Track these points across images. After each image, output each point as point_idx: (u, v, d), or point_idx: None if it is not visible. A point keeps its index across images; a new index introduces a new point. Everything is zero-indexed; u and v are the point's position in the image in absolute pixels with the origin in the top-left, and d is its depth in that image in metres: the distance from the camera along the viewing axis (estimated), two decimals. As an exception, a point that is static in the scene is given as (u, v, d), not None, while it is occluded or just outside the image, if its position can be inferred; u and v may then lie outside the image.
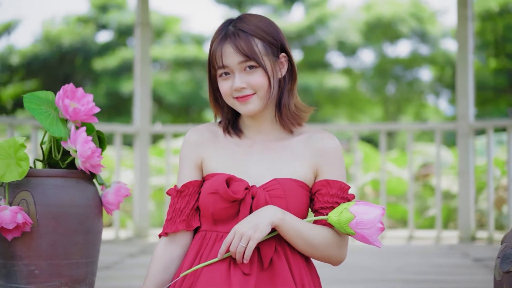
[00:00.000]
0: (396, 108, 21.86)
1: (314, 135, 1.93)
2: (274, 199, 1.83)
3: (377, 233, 1.80)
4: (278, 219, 1.79)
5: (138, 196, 5.96)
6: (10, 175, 2.16)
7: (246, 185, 1.85)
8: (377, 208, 1.80)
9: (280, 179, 1.86)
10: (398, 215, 7.38)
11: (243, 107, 1.88)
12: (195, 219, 1.92)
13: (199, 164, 1.95)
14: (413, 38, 21.23)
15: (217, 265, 1.81)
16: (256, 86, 1.87)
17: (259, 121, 1.94)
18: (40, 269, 2.17)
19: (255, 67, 1.86)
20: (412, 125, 6.36)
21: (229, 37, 1.86)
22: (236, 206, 1.85)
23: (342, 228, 1.81)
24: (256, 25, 1.87)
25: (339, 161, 1.92)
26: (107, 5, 22.59)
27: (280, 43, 1.91)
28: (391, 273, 3.93)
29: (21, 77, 22.04)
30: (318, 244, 1.85)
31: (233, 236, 1.78)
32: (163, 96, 20.25)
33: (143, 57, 6.05)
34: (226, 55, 1.86)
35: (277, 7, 22.94)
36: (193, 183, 1.93)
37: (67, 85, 2.29)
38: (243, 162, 1.91)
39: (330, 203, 1.87)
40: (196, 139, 1.97)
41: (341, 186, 1.89)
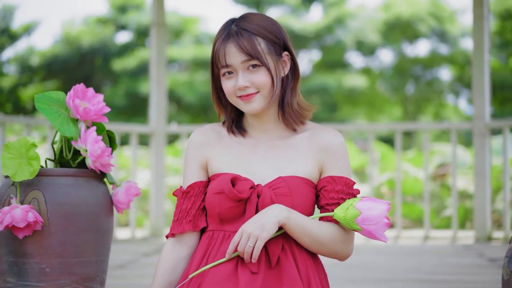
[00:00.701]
0: (415, 108, 21.77)
1: (318, 132, 1.94)
2: (280, 197, 1.84)
3: (383, 229, 1.82)
4: (285, 218, 1.80)
5: (154, 196, 5.99)
6: (22, 174, 2.18)
7: (251, 184, 1.86)
8: (383, 204, 1.81)
9: (285, 177, 1.87)
10: (415, 215, 7.36)
11: (247, 106, 1.89)
12: (202, 220, 1.93)
13: (204, 164, 1.96)
14: (433, 38, 21.12)
15: (224, 264, 1.82)
16: (260, 85, 1.88)
17: (262, 120, 1.95)
18: (51, 267, 2.20)
19: (258, 66, 1.87)
20: (428, 125, 6.34)
21: (232, 36, 1.87)
22: (242, 205, 1.86)
23: (348, 224, 1.82)
24: (258, 24, 1.88)
25: (344, 157, 1.92)
26: (126, 6, 22.71)
27: (283, 42, 1.92)
28: (404, 272, 3.92)
29: (41, 78, 22.20)
30: (325, 241, 1.85)
31: (240, 236, 1.79)
32: (181, 97, 20.30)
33: (159, 58, 6.08)
34: (229, 54, 1.87)
35: (296, 7, 22.92)
36: (199, 184, 1.94)
37: (78, 85, 2.31)
38: (247, 161, 1.92)
39: (335, 199, 1.88)
40: (201, 139, 1.98)
41: (346, 182, 1.90)
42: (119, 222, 7.46)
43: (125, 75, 21.12)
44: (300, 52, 23.21)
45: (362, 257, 4.63)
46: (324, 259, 2.01)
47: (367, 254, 4.87)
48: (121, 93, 21.09)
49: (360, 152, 8.63)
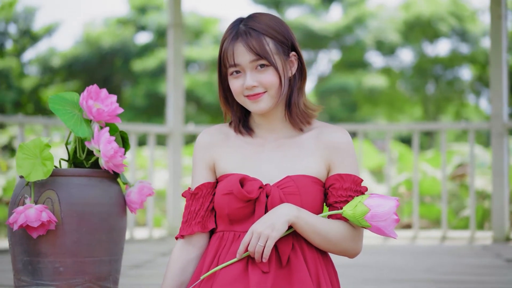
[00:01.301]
0: (435, 108, 21.65)
1: (325, 130, 1.95)
2: (289, 197, 1.85)
3: (392, 225, 1.82)
4: (294, 217, 1.81)
5: (171, 195, 6.02)
6: (36, 174, 2.21)
7: (260, 184, 1.86)
8: (391, 200, 1.82)
9: (294, 176, 1.88)
10: (433, 215, 7.33)
11: (254, 105, 1.90)
12: (211, 221, 1.94)
13: (211, 165, 1.97)
14: (453, 37, 21.00)
15: (234, 264, 1.83)
16: (267, 85, 1.88)
17: (269, 120, 1.95)
18: (64, 266, 2.22)
19: (266, 66, 1.88)
20: (445, 125, 6.31)
21: (240, 36, 1.88)
22: (251, 205, 1.87)
23: (358, 222, 1.83)
24: (267, 24, 1.89)
25: (351, 154, 1.93)
26: (146, 7, 22.80)
27: (291, 42, 1.93)
28: (421, 273, 3.91)
29: (62, 79, 22.36)
30: (334, 239, 1.86)
31: (250, 236, 1.80)
32: (201, 97, 20.34)
33: (176, 58, 6.11)
34: (237, 53, 1.88)
35: (315, 7, 22.88)
36: (206, 185, 1.95)
37: (91, 86, 2.34)
38: (255, 161, 1.93)
39: (344, 196, 1.89)
40: (208, 140, 1.99)
41: (354, 180, 1.90)
42: (137, 222, 7.50)
43: (145, 75, 21.20)
44: (319, 52, 23.18)
45: (378, 257, 4.63)
46: (337, 258, 2.02)
47: (384, 254, 4.86)
48: (141, 94, 21.18)
49: (378, 152, 8.61)
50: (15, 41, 22.82)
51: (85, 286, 2.25)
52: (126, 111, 20.76)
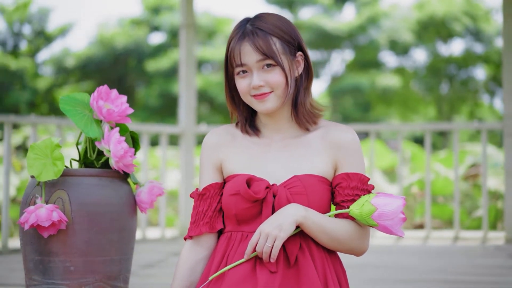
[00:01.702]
0: (449, 107, 21.57)
1: (331, 129, 1.95)
2: (296, 196, 1.86)
3: (399, 224, 1.82)
4: (301, 217, 1.82)
5: (183, 195, 6.03)
6: (46, 175, 2.23)
7: (266, 184, 1.87)
8: (398, 199, 1.82)
9: (300, 175, 1.88)
10: (446, 215, 7.30)
11: (261, 105, 1.91)
12: (218, 221, 1.95)
13: (218, 166, 1.98)
14: (467, 37, 20.92)
15: (242, 264, 1.83)
16: (274, 85, 1.89)
17: (276, 119, 1.96)
18: (75, 265, 2.23)
19: (273, 66, 1.88)
20: (458, 125, 6.28)
21: (247, 36, 1.88)
22: (258, 205, 1.87)
23: (365, 221, 1.83)
24: (273, 24, 1.90)
25: (358, 153, 1.93)
26: (159, 7, 22.86)
27: (297, 42, 1.93)
28: (433, 273, 3.90)
29: (76, 79, 22.45)
30: (341, 238, 1.86)
31: (258, 236, 1.80)
32: (214, 97, 20.37)
33: (188, 58, 6.13)
34: (244, 53, 1.88)
35: (328, 6, 22.86)
36: (214, 186, 1.96)
37: (101, 86, 2.35)
38: (262, 161, 1.93)
39: (351, 195, 1.89)
40: (215, 141, 2.00)
41: (360, 178, 1.90)
42: (150, 221, 7.52)
43: (158, 75, 21.26)
44: (333, 52, 23.15)
45: (390, 258, 4.62)
46: (349, 258, 2.02)
47: (396, 254, 4.85)
48: (154, 94, 21.23)
49: (391, 152, 8.59)
50: (30, 42, 22.95)
51: (95, 285, 2.26)
52: (139, 111, 20.82)
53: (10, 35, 22.71)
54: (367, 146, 8.04)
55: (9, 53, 22.27)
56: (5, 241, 4.79)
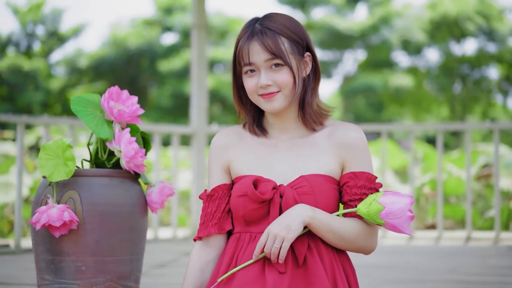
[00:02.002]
0: (462, 107, 21.49)
1: (337, 128, 1.94)
2: (303, 197, 1.86)
3: (407, 222, 1.82)
4: (309, 217, 1.82)
5: (195, 195, 6.05)
6: (58, 175, 2.24)
7: (273, 185, 1.87)
8: (406, 197, 1.82)
9: (307, 175, 1.88)
10: (459, 216, 7.28)
11: (268, 104, 1.91)
12: (227, 222, 1.95)
13: (226, 167, 1.98)
14: (480, 36, 20.84)
15: (251, 265, 1.84)
16: (282, 84, 1.89)
17: (283, 119, 1.96)
18: (86, 265, 2.25)
19: (281, 65, 1.88)
20: (470, 125, 6.26)
21: (256, 35, 1.89)
22: (266, 206, 1.87)
23: (372, 219, 1.83)
24: (282, 24, 1.90)
25: (364, 151, 1.92)
26: (172, 7, 22.90)
27: (306, 42, 1.93)
28: (445, 273, 3.90)
29: (89, 80, 22.54)
30: (349, 237, 1.86)
31: (266, 237, 1.81)
32: (226, 97, 20.40)
33: (200, 59, 6.14)
34: (253, 52, 1.88)
35: (341, 6, 22.83)
36: (222, 187, 1.96)
37: (112, 87, 2.36)
38: (269, 162, 1.93)
39: (358, 194, 1.88)
40: (222, 142, 2.00)
41: (368, 177, 1.90)
42: (162, 221, 7.54)
43: (171, 76, 21.31)
44: (345, 52, 23.12)
45: (402, 258, 4.61)
46: (360, 259, 2.02)
47: (408, 254, 4.84)
48: (167, 94, 21.28)
49: (403, 152, 8.57)
50: (43, 43, 23.06)
51: (106, 285, 2.27)
52: (152, 111, 20.86)
53: (24, 36, 22.84)
54: (379, 146, 8.02)
55: (23, 54, 22.40)
56: (18, 241, 4.82)
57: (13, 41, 22.67)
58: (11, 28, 30.51)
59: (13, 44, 22.72)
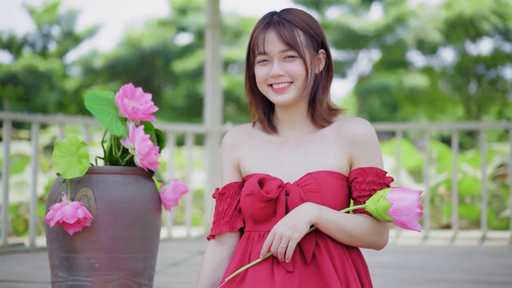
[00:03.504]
0: (477, 107, 21.38)
1: (345, 123, 1.92)
2: (309, 194, 1.84)
3: (416, 218, 1.79)
4: (316, 216, 1.80)
5: (209, 194, 6.05)
6: (72, 172, 2.24)
7: (279, 183, 1.86)
8: (414, 194, 1.79)
9: (314, 173, 1.86)
10: (474, 216, 7.23)
11: (278, 96, 1.90)
12: (239, 220, 1.95)
13: (236, 165, 1.98)
14: (496, 36, 20.73)
15: (261, 264, 1.83)
16: (294, 75, 1.88)
17: (292, 115, 1.95)
18: (100, 262, 2.25)
19: (294, 57, 1.88)
20: (485, 124, 6.22)
21: (273, 25, 1.88)
22: (273, 205, 1.86)
23: (380, 216, 1.81)
24: (300, 18, 1.90)
25: (373, 146, 1.89)
26: (186, 8, 22.93)
27: (321, 39, 1.93)
28: (459, 273, 3.88)
29: (104, 80, 22.62)
30: (359, 234, 1.85)
31: (272, 237, 1.80)
32: (240, 97, 20.40)
33: (214, 59, 6.14)
34: (268, 41, 1.88)
35: (355, 6, 22.78)
36: (233, 185, 1.96)
37: (126, 85, 2.36)
38: (277, 160, 1.92)
39: (367, 190, 1.86)
40: (232, 141, 2.00)
41: (377, 172, 1.87)
42: (176, 220, 7.55)
43: (185, 76, 21.34)
44: (360, 52, 23.07)
45: (417, 258, 4.59)
46: (373, 258, 2.00)
47: (422, 254, 4.82)
48: (181, 94, 21.31)
49: (418, 152, 8.53)
50: (58, 43, 23.17)
51: (120, 282, 2.27)
52: (166, 111, 20.90)
53: (39, 37, 22.96)
54: (393, 146, 7.99)
55: (38, 54, 22.52)
56: (33, 239, 4.84)
57: (29, 41, 22.80)
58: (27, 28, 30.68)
59: (29, 44, 22.86)
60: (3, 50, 22.58)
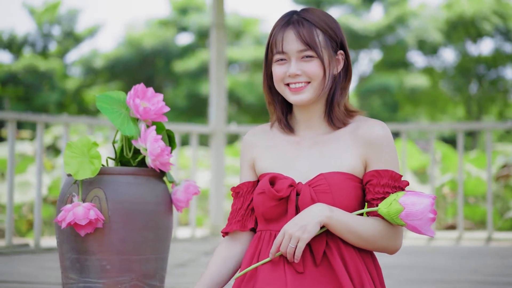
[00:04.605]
0: (478, 107, 21.38)
1: (361, 125, 1.91)
2: (320, 195, 1.83)
3: (428, 223, 1.77)
4: (326, 217, 1.79)
5: (214, 195, 6.04)
6: (84, 173, 2.23)
7: (290, 182, 1.85)
8: (427, 198, 1.77)
9: (326, 173, 1.85)
10: (478, 216, 7.22)
11: (296, 96, 1.89)
12: (251, 220, 1.95)
13: (252, 165, 1.99)
14: (497, 36, 20.72)
15: (274, 265, 1.82)
16: (312, 75, 1.87)
17: (309, 116, 1.93)
18: (111, 264, 2.23)
19: (312, 57, 1.87)
20: (491, 124, 6.21)
21: (292, 24, 1.88)
22: (284, 204, 1.85)
23: (393, 220, 1.79)
24: (320, 18, 1.89)
25: (389, 149, 1.87)
26: (187, 8, 22.92)
27: (340, 40, 1.91)
28: (466, 274, 3.86)
29: (104, 80, 22.60)
30: (370, 237, 1.83)
31: (282, 237, 1.79)
32: (242, 97, 20.39)
33: (219, 58, 6.13)
34: (287, 40, 1.87)
35: (356, 6, 22.77)
36: (247, 184, 1.97)
37: (138, 85, 2.35)
38: (291, 160, 1.91)
39: (381, 193, 1.84)
40: (250, 140, 2.00)
41: (391, 175, 1.85)
42: (179, 221, 7.54)
43: (186, 76, 21.32)
44: (361, 52, 23.06)
45: (423, 258, 4.58)
46: (381, 259, 1.99)
47: (428, 255, 4.81)
48: (182, 94, 21.30)
49: (421, 153, 8.52)
50: (59, 43, 23.15)
51: (131, 284, 2.26)
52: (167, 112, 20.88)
53: (40, 36, 22.94)
54: (397, 147, 7.98)
55: (39, 54, 22.50)
56: (37, 240, 4.83)
57: (29, 41, 22.78)
58: (28, 28, 30.68)
59: (29, 44, 22.83)
60: (4, 50, 22.56)
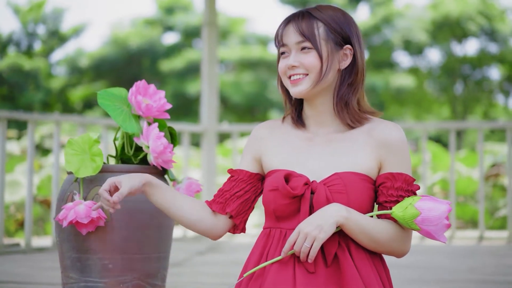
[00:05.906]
0: (463, 108, 21.47)
1: (377, 126, 1.88)
2: (335, 195, 1.80)
3: (443, 230, 1.75)
4: (343, 218, 1.76)
5: (205, 193, 6.00)
6: (85, 170, 2.19)
7: (305, 180, 1.82)
8: (443, 204, 1.74)
9: (341, 173, 1.82)
10: (468, 215, 7.24)
11: (294, 88, 1.88)
12: (232, 205, 1.92)
13: (257, 158, 1.95)
14: (482, 37, 20.82)
15: (283, 265, 1.79)
16: (308, 66, 1.85)
17: (318, 112, 1.91)
18: (113, 263, 2.20)
19: (310, 49, 1.85)
20: (481, 124, 6.22)
21: (294, 18, 1.89)
22: (297, 202, 1.82)
23: (407, 224, 1.77)
24: (325, 12, 1.88)
25: (404, 152, 1.86)
26: (173, 7, 22.85)
27: (347, 35, 1.88)
28: (464, 273, 3.86)
29: (89, 79, 22.49)
30: (382, 240, 1.81)
31: (297, 235, 1.76)
32: (228, 97, 20.36)
33: (210, 57, 6.10)
34: (286, 34, 1.88)
35: (342, 6, 22.79)
36: (244, 172, 1.94)
37: (140, 81, 2.31)
38: (303, 157, 1.88)
39: (394, 196, 1.82)
40: (259, 133, 1.97)
41: (405, 179, 1.83)
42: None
43: (172, 76, 21.26)
44: (346, 52, 23.11)
45: (418, 258, 4.57)
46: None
47: (423, 254, 4.80)
48: (168, 94, 21.17)
49: (410, 152, 8.53)
50: (44, 42, 23.01)
51: (133, 283, 2.22)
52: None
53: (24, 35, 22.78)
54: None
55: (23, 53, 22.34)
56: (28, 240, 4.77)
57: (13, 40, 22.62)
58: (12, 27, 30.48)
59: (14, 43, 22.67)
60: (-12, 49, 22.40)
